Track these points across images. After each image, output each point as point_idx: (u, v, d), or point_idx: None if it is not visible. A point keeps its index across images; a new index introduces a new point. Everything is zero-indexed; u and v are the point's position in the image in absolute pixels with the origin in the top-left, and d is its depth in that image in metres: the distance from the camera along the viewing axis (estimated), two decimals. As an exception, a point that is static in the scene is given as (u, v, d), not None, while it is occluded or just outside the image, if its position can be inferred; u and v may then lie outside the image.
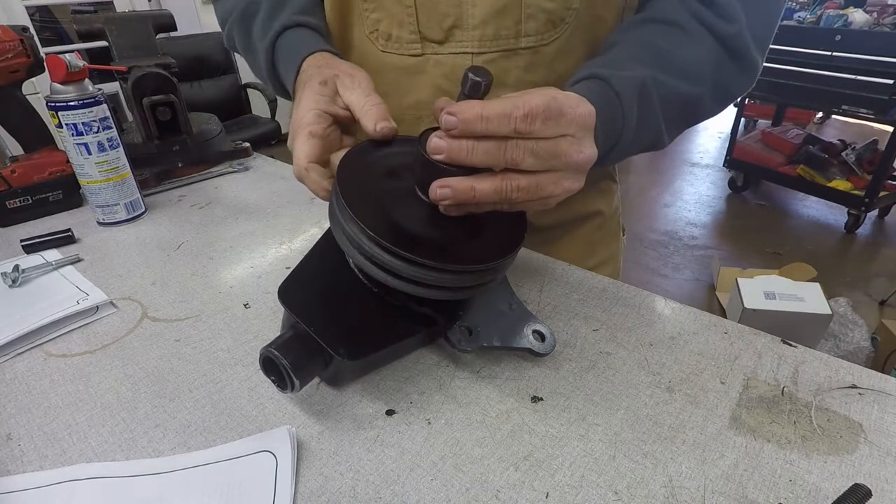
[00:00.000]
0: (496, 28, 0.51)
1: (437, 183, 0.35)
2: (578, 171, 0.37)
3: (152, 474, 0.33)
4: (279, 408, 0.38)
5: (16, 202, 0.67)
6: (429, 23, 0.52)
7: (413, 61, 0.55)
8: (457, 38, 0.52)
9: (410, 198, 0.38)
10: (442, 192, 0.34)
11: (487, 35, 0.51)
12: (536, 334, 0.41)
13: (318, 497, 0.32)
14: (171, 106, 0.75)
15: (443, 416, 0.37)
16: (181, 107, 0.76)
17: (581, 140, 0.36)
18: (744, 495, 0.31)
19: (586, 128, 0.37)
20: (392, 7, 0.53)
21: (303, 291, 0.40)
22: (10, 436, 0.37)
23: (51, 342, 0.46)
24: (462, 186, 0.34)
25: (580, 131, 0.36)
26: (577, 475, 0.32)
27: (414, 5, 0.52)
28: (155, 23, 0.79)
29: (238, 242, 0.62)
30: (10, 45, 0.65)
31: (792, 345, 0.42)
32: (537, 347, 0.40)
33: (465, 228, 0.38)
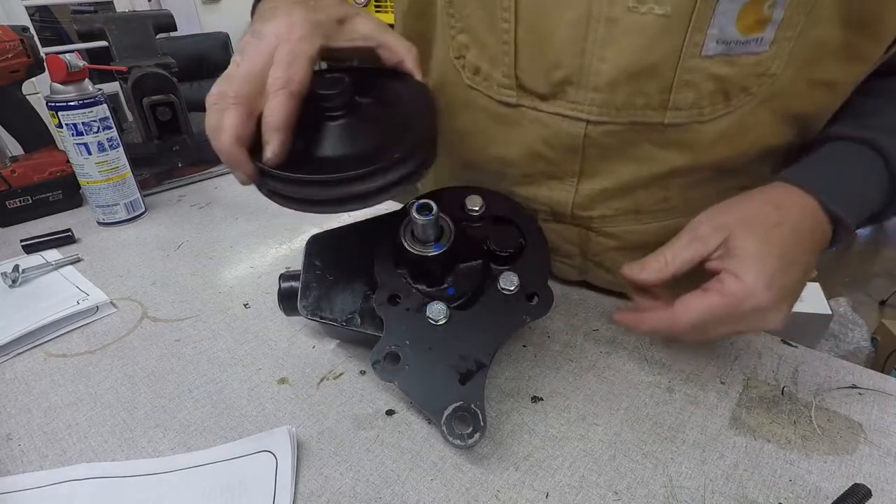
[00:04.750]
0: (629, 94, 0.37)
1: (623, 319, 0.37)
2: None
3: (152, 474, 0.33)
4: (279, 408, 0.38)
5: (16, 202, 0.67)
6: (532, 69, 0.39)
7: (504, 110, 0.43)
8: (569, 97, 0.39)
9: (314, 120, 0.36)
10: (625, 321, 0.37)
11: (615, 101, 0.37)
12: (459, 421, 0.33)
13: (318, 497, 0.32)
14: (171, 106, 0.75)
15: (443, 416, 0.37)
16: (181, 107, 0.76)
17: (763, 318, 0.33)
18: (744, 495, 0.31)
19: (766, 310, 0.32)
20: (484, 35, 0.40)
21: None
22: (10, 436, 0.37)
23: (51, 342, 0.46)
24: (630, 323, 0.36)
25: (762, 315, 0.32)
26: (577, 475, 0.32)
27: (513, 41, 0.39)
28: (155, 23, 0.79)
29: (238, 242, 0.62)
30: (10, 45, 0.65)
31: (792, 345, 0.42)
32: (456, 440, 0.33)
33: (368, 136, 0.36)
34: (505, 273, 0.38)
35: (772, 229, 0.33)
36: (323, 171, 0.34)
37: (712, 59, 0.34)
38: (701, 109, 0.37)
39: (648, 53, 0.35)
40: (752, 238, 0.33)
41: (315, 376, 0.41)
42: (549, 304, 0.38)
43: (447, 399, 0.34)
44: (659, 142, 0.39)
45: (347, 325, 0.39)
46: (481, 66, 0.42)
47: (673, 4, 0.33)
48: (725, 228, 0.34)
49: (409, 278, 0.39)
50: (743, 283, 0.31)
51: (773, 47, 0.34)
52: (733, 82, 0.35)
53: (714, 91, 0.36)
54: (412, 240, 0.38)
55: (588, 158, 0.42)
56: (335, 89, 0.35)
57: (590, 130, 0.40)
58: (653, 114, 0.37)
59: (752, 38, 0.34)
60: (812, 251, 0.34)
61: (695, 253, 0.34)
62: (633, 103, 0.37)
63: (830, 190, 0.35)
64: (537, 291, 0.38)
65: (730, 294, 0.32)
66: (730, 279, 0.32)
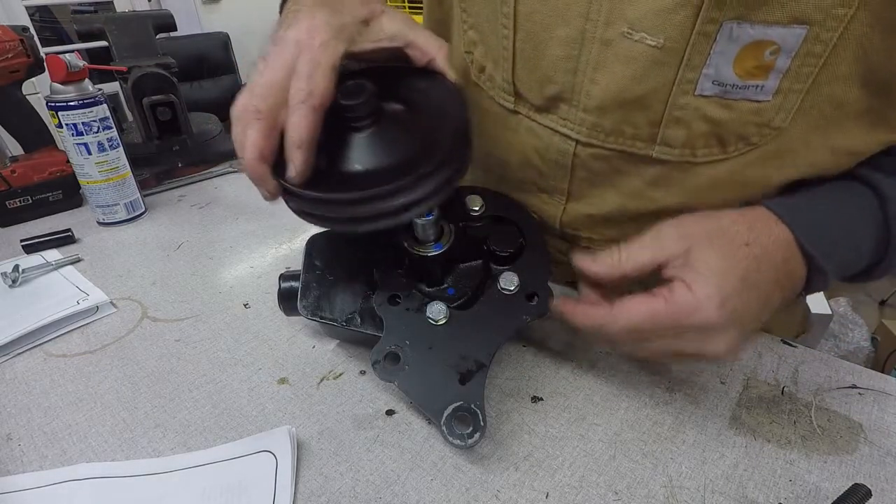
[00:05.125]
0: (617, 121, 0.36)
1: (563, 308, 0.34)
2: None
3: (152, 474, 0.33)
4: (279, 408, 0.38)
5: (16, 202, 0.67)
6: (527, 79, 0.39)
7: (504, 113, 0.43)
8: (561, 114, 0.39)
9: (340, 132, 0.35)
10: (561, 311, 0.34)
11: (603, 125, 0.37)
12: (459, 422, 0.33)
13: (318, 497, 0.32)
14: (171, 106, 0.75)
15: (443, 416, 0.37)
16: (181, 107, 0.76)
17: (708, 339, 0.30)
18: (744, 495, 0.31)
19: (712, 330, 0.30)
20: (489, 35, 0.40)
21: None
22: (10, 436, 0.37)
23: (51, 342, 0.46)
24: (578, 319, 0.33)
25: (707, 335, 0.30)
26: (577, 475, 0.32)
27: (512, 48, 0.38)
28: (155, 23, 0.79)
29: (238, 242, 0.62)
30: (10, 45, 0.65)
31: (792, 345, 0.42)
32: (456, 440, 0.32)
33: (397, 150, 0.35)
34: (505, 273, 0.38)
35: (739, 248, 0.31)
36: (350, 187, 0.33)
37: (707, 99, 0.33)
38: (693, 150, 0.35)
39: (639, 83, 0.34)
40: (715, 253, 0.30)
41: (315, 376, 0.41)
42: (547, 305, 0.38)
43: (447, 399, 0.34)
44: (648, 178, 0.38)
45: (347, 325, 0.39)
46: (486, 65, 0.42)
47: (666, 37, 0.31)
48: (690, 238, 0.31)
49: (409, 278, 0.39)
50: (693, 295, 0.29)
51: (776, 98, 0.32)
52: (729, 128, 0.33)
53: (707, 133, 0.34)
54: (412, 240, 0.38)
55: (576, 180, 0.42)
56: (359, 98, 0.34)
57: (579, 150, 0.39)
58: (641, 145, 0.36)
59: (752, 84, 0.32)
60: (779, 284, 0.31)
61: (653, 257, 0.32)
62: (621, 131, 0.36)
63: (811, 228, 0.32)
64: (537, 291, 0.38)
65: (675, 303, 0.29)
66: (680, 288, 0.30)
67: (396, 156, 0.34)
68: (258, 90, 0.31)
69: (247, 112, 0.31)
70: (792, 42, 0.29)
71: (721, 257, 0.30)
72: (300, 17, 0.33)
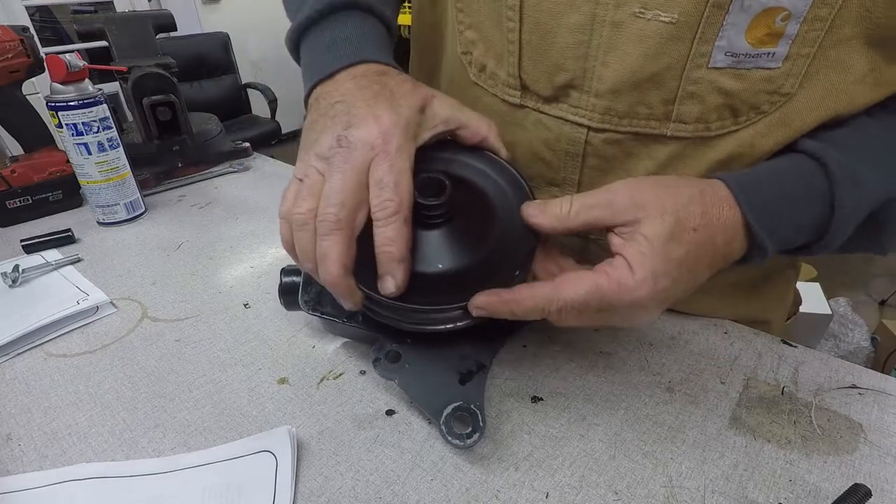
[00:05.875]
0: (631, 102, 0.36)
1: (476, 303, 0.32)
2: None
3: (152, 474, 0.33)
4: (279, 408, 0.38)
5: (16, 202, 0.67)
6: (535, 71, 0.39)
7: (508, 109, 0.42)
8: (571, 102, 0.38)
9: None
10: (478, 311, 0.32)
11: (616, 109, 0.37)
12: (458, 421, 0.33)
13: (318, 497, 0.32)
14: (171, 106, 0.75)
15: (443, 416, 0.37)
16: (181, 107, 0.76)
17: (634, 315, 0.31)
18: (744, 495, 0.31)
19: (641, 308, 0.30)
20: (491, 32, 0.40)
21: None
22: (10, 436, 0.37)
23: (51, 342, 0.46)
24: (502, 310, 0.31)
25: (634, 311, 0.31)
26: (577, 475, 0.32)
27: (518, 41, 0.38)
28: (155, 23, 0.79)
29: (238, 242, 0.62)
30: (10, 45, 0.65)
31: (792, 345, 0.42)
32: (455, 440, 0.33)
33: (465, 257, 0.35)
34: None
35: (686, 231, 0.30)
36: (434, 291, 0.33)
37: (720, 71, 0.33)
38: (707, 124, 0.35)
39: (653, 61, 0.34)
40: (663, 233, 0.30)
41: (315, 376, 0.41)
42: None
43: (447, 399, 0.34)
44: (661, 159, 0.38)
45: (349, 322, 0.39)
46: (487, 63, 0.42)
47: (680, 12, 0.32)
48: (643, 209, 0.30)
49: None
50: (633, 276, 0.29)
51: (786, 64, 0.32)
52: (742, 98, 0.34)
53: (721, 105, 0.34)
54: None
55: (587, 169, 0.41)
56: (439, 197, 0.34)
57: (591, 137, 0.39)
58: (656, 124, 0.36)
59: (763, 52, 0.32)
60: (713, 266, 0.32)
61: (602, 218, 0.31)
62: (635, 112, 0.36)
63: (762, 209, 0.32)
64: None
65: (617, 282, 0.29)
66: (623, 267, 0.30)
67: (474, 254, 0.35)
68: (335, 199, 0.30)
69: (323, 221, 0.30)
70: (801, 6, 0.30)
71: (666, 239, 0.30)
72: (359, 113, 0.32)
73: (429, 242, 0.35)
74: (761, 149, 0.36)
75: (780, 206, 0.33)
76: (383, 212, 0.30)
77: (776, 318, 0.52)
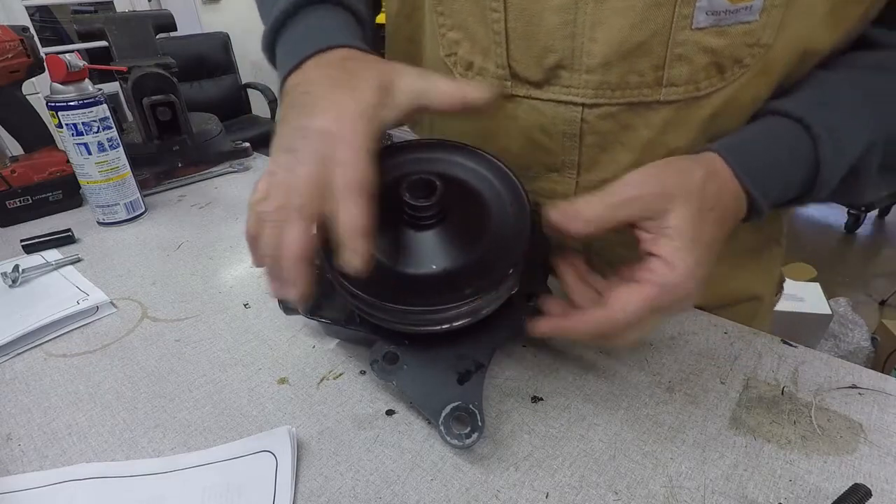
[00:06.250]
0: (623, 73, 0.37)
1: (535, 331, 0.34)
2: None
3: (152, 474, 0.33)
4: (279, 408, 0.38)
5: (16, 202, 0.67)
6: (524, 58, 0.39)
7: (500, 102, 0.42)
8: (563, 82, 0.39)
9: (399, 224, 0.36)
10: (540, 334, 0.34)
11: (609, 81, 0.37)
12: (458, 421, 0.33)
13: (318, 497, 0.32)
14: (171, 106, 0.75)
15: (443, 416, 0.37)
16: (181, 107, 0.76)
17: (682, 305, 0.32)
18: (744, 495, 0.31)
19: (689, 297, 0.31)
20: (475, 28, 0.40)
21: None
22: (10, 436, 0.37)
23: (51, 342, 0.46)
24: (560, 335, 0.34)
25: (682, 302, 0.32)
26: (577, 475, 0.32)
27: (504, 31, 0.39)
28: (155, 23, 0.79)
29: (238, 242, 0.62)
30: (10, 45, 0.65)
31: (792, 345, 0.42)
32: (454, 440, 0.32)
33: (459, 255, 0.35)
34: None
35: (707, 213, 0.32)
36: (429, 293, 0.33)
37: (704, 31, 0.34)
38: (697, 84, 0.36)
39: (639, 30, 0.35)
40: (689, 219, 0.31)
41: (315, 376, 0.41)
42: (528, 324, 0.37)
43: (445, 399, 0.34)
44: (657, 125, 0.39)
45: (347, 325, 0.39)
46: (474, 60, 0.42)
47: None
48: (670, 199, 0.31)
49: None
50: (676, 273, 0.30)
51: (762, 16, 0.33)
52: (726, 54, 0.35)
53: (708, 64, 0.35)
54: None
55: (586, 147, 0.42)
56: (430, 199, 0.34)
57: (586, 114, 0.40)
58: (648, 92, 0.37)
59: (742, 7, 0.33)
60: (726, 235, 0.34)
61: (632, 215, 0.32)
62: (627, 82, 0.37)
63: (757, 174, 0.34)
64: (536, 291, 0.38)
65: (664, 284, 0.30)
66: (662, 267, 0.30)
67: (468, 254, 0.35)
68: (296, 187, 0.29)
69: (286, 210, 0.29)
70: None
71: (693, 225, 0.31)
72: (319, 102, 0.31)
73: (422, 244, 0.35)
74: (743, 100, 0.37)
75: (771, 169, 0.35)
76: (345, 189, 0.29)
77: (767, 293, 0.54)
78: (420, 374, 0.35)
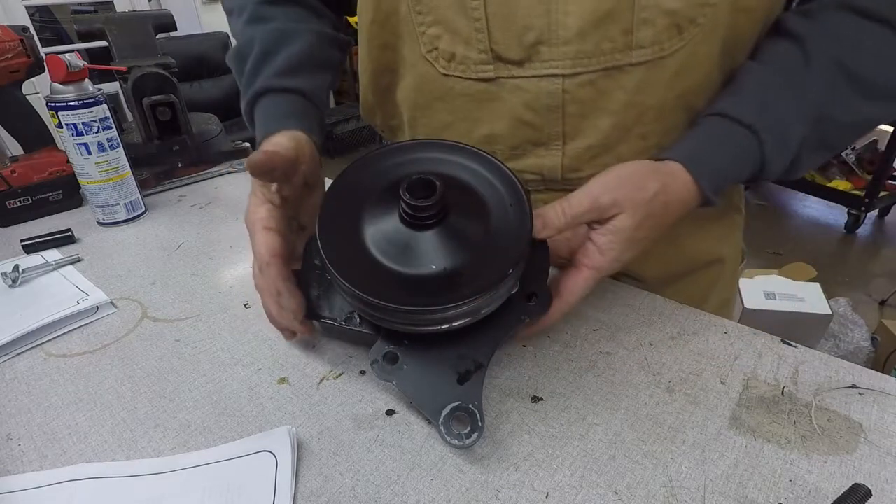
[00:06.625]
0: (597, 41, 0.40)
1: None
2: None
3: (152, 474, 0.33)
4: (279, 408, 0.38)
5: (16, 202, 0.67)
6: (504, 39, 0.42)
7: (483, 86, 0.45)
8: (542, 57, 0.42)
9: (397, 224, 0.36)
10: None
11: (585, 50, 0.41)
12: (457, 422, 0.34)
13: (318, 497, 0.32)
14: (171, 106, 0.75)
15: (443, 416, 0.37)
16: (181, 107, 0.76)
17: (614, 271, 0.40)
18: (744, 495, 0.31)
19: (617, 268, 0.39)
20: (454, 20, 0.43)
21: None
22: (10, 436, 0.37)
23: (51, 342, 0.46)
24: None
25: (613, 271, 0.39)
26: (577, 475, 0.32)
27: (484, 17, 0.42)
28: (155, 23, 0.79)
29: (238, 242, 0.62)
30: (10, 45, 0.65)
31: (792, 345, 0.42)
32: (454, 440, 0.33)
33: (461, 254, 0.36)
34: None
35: (646, 220, 0.37)
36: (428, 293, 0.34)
37: None
38: (661, 45, 0.40)
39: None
40: (630, 225, 0.37)
41: (315, 376, 0.41)
42: (548, 304, 0.38)
43: (445, 399, 0.34)
44: (631, 87, 0.42)
45: (346, 325, 0.39)
46: (455, 51, 0.44)
47: None
48: (619, 208, 0.37)
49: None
50: (605, 258, 0.38)
51: None
52: (683, 14, 0.39)
53: (669, 25, 0.40)
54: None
55: (569, 117, 0.45)
56: (430, 199, 0.34)
57: (566, 85, 0.43)
58: (620, 56, 0.41)
59: None
60: (659, 234, 0.40)
61: (592, 219, 0.38)
62: (601, 49, 0.41)
63: (712, 178, 0.39)
64: (536, 291, 0.38)
65: (595, 267, 0.38)
66: (596, 254, 0.38)
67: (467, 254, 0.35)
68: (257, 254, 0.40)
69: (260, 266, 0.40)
70: None
71: (632, 228, 0.37)
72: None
73: (421, 244, 0.35)
74: (700, 57, 0.42)
75: (725, 171, 0.41)
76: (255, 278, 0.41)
77: (729, 257, 0.58)
78: (420, 374, 0.35)
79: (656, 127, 0.45)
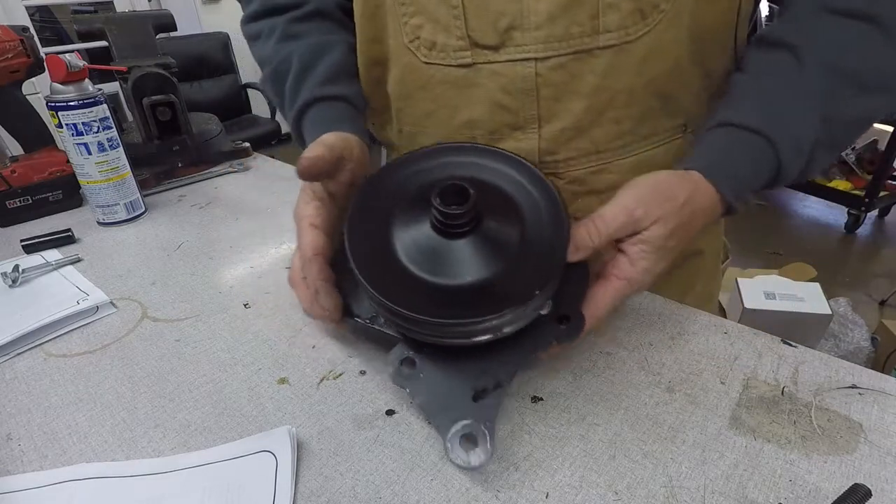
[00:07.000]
0: (566, 25, 0.42)
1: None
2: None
3: (152, 474, 0.33)
4: (279, 408, 0.38)
5: (16, 202, 0.67)
6: (480, 25, 0.44)
7: (462, 73, 0.47)
8: (515, 42, 0.44)
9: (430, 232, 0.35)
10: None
11: (555, 34, 0.43)
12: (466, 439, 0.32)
13: (318, 497, 0.32)
14: (171, 106, 0.75)
15: (443, 416, 0.37)
16: (181, 107, 0.76)
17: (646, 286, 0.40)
18: (744, 495, 0.31)
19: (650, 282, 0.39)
20: (435, 9, 0.45)
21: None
22: (10, 436, 0.37)
23: (51, 342, 0.46)
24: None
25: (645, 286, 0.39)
26: (577, 475, 0.32)
27: (461, 4, 0.44)
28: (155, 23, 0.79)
29: (238, 242, 0.62)
30: (10, 45, 0.65)
31: (792, 345, 0.42)
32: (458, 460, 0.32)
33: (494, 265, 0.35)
34: None
35: (678, 229, 0.37)
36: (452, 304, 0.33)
37: None
38: (626, 29, 0.42)
39: None
40: (662, 235, 0.37)
41: (315, 376, 0.41)
42: (580, 330, 0.36)
43: (457, 414, 0.33)
44: (600, 71, 0.44)
45: (371, 324, 0.39)
46: (436, 39, 0.46)
47: None
48: (653, 219, 0.37)
49: None
50: (636, 269, 0.37)
51: None
52: (646, 0, 0.41)
53: (633, 10, 0.41)
54: None
55: (543, 101, 0.46)
56: (462, 206, 0.33)
57: (539, 68, 0.44)
58: (588, 40, 0.43)
59: None
60: (687, 244, 0.40)
61: (627, 233, 0.37)
62: (570, 33, 0.43)
63: (734, 188, 0.40)
64: (570, 315, 0.36)
65: (629, 279, 0.37)
66: (626, 264, 0.37)
67: (496, 268, 0.34)
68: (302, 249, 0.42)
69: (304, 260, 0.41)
70: None
71: (665, 238, 0.37)
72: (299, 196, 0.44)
73: (451, 253, 0.34)
74: (666, 44, 0.43)
75: (743, 177, 0.41)
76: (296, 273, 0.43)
77: (709, 250, 0.60)
78: (435, 385, 0.34)
79: (629, 111, 0.47)
